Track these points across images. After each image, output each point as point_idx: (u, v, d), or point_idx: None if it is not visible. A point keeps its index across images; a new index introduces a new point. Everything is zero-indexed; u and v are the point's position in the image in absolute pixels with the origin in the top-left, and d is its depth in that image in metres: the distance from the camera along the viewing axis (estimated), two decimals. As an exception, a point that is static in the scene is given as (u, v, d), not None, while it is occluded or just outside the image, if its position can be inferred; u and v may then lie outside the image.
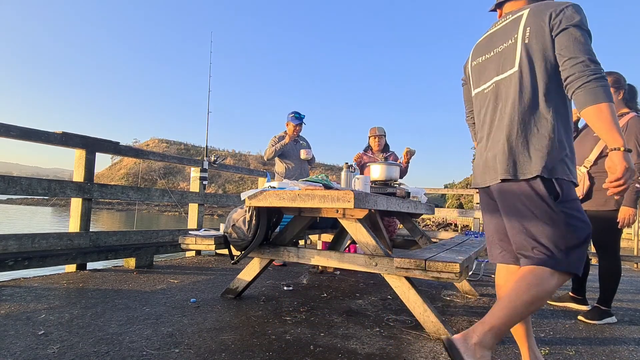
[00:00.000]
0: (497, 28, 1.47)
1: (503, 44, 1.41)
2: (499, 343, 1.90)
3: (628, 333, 2.20)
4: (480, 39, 1.57)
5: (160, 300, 2.45)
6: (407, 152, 3.82)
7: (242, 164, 68.60)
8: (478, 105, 1.53)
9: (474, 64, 1.55)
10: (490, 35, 1.50)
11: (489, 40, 1.50)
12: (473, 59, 1.57)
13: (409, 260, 1.90)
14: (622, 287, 3.67)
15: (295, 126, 4.33)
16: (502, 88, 1.39)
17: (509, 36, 1.39)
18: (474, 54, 1.57)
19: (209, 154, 4.91)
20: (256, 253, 2.45)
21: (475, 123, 1.58)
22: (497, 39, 1.45)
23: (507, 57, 1.38)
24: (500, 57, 1.41)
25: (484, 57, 1.50)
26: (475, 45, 1.59)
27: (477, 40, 1.60)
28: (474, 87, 1.56)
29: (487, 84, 1.47)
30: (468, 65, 1.62)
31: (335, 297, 2.73)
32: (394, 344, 1.82)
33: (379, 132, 4.10)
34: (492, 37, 1.48)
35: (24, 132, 2.93)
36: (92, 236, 3.39)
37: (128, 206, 50.12)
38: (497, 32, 1.47)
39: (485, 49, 1.50)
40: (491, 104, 1.43)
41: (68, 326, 1.88)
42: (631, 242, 6.11)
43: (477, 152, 1.52)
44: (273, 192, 2.12)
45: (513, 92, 1.34)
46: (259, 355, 1.63)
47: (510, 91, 1.36)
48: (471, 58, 1.59)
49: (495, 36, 1.47)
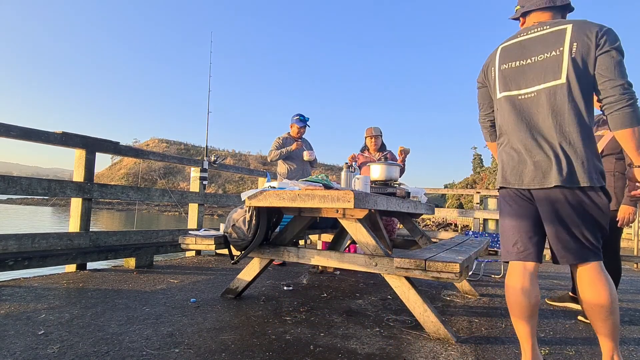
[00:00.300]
0: (531, 36, 1.52)
1: (544, 53, 1.47)
2: (499, 343, 1.91)
3: (628, 333, 2.20)
4: (506, 44, 1.61)
5: (160, 300, 2.45)
6: (402, 151, 3.81)
7: (242, 164, 68.62)
8: (509, 108, 1.56)
9: (504, 67, 1.58)
10: (522, 42, 1.55)
11: (521, 47, 1.54)
12: (502, 63, 1.59)
13: (409, 260, 1.90)
14: (622, 287, 3.67)
15: (300, 128, 4.33)
16: (546, 97, 1.45)
17: (552, 47, 1.45)
18: (502, 58, 1.59)
19: (209, 154, 4.91)
20: (256, 253, 2.45)
21: (501, 125, 1.61)
22: (534, 47, 1.50)
23: (550, 68, 1.45)
24: (542, 66, 1.47)
25: (517, 63, 1.54)
26: (500, 49, 1.62)
27: (501, 44, 1.63)
28: (502, 91, 1.58)
29: (525, 90, 1.51)
30: (493, 69, 1.63)
31: (335, 297, 2.73)
32: (394, 344, 1.82)
33: (375, 132, 4.08)
34: (526, 44, 1.53)
35: (24, 132, 2.93)
36: (92, 236, 3.39)
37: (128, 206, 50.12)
38: (531, 40, 1.52)
39: (519, 55, 1.54)
40: (532, 110, 1.49)
41: (68, 326, 1.88)
42: (631, 242, 6.11)
43: (509, 153, 1.55)
44: (273, 192, 2.12)
45: (562, 103, 1.42)
46: (259, 355, 1.63)
47: (557, 101, 1.43)
48: (499, 61, 1.60)
49: (530, 44, 1.52)
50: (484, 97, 1.74)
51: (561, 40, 1.43)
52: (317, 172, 2.80)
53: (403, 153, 3.81)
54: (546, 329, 2.18)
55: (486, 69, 1.69)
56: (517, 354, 1.77)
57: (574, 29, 1.42)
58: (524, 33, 1.56)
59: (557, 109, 1.43)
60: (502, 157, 1.60)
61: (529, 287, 1.46)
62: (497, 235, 4.08)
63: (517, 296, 1.47)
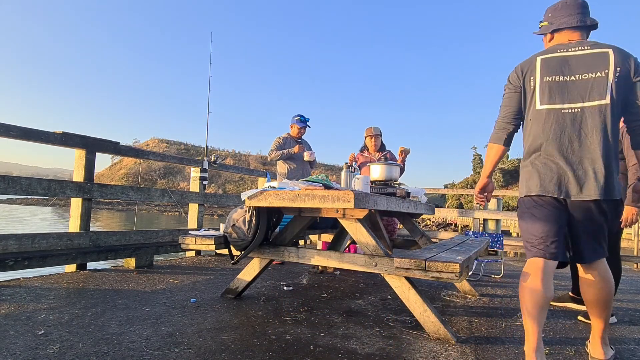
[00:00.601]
0: (575, 54, 1.62)
1: (589, 74, 1.58)
2: (499, 343, 1.91)
3: (628, 333, 2.20)
4: (547, 56, 1.66)
5: (160, 300, 2.45)
6: (402, 151, 3.82)
7: (242, 164, 68.60)
8: (551, 121, 1.62)
9: (547, 79, 1.63)
10: (565, 58, 1.62)
11: (564, 63, 1.62)
12: (545, 75, 1.64)
13: (409, 260, 1.90)
14: (622, 287, 3.67)
15: (300, 129, 4.34)
16: (591, 115, 1.56)
17: (597, 68, 1.57)
18: (544, 70, 1.64)
19: (209, 154, 4.90)
20: (256, 253, 2.45)
21: (537, 135, 1.66)
22: (579, 65, 1.60)
23: (596, 87, 1.56)
24: (587, 84, 1.57)
25: (562, 78, 1.61)
26: (540, 60, 1.66)
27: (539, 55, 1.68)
28: (545, 103, 1.64)
29: (569, 105, 1.60)
30: (533, 78, 1.67)
31: (335, 297, 2.73)
32: (394, 344, 1.82)
33: (375, 132, 4.07)
34: (570, 61, 1.61)
35: (24, 132, 2.93)
36: (92, 236, 3.39)
37: (128, 206, 50.12)
38: (576, 58, 1.61)
39: (564, 71, 1.61)
40: (576, 125, 1.58)
41: (68, 326, 1.88)
42: (631, 242, 6.11)
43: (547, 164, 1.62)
44: (273, 192, 2.12)
45: (605, 122, 1.55)
46: (259, 355, 1.63)
47: (600, 120, 1.55)
48: (540, 72, 1.65)
49: (575, 61, 1.61)
50: (515, 102, 1.73)
51: (606, 63, 1.56)
52: (317, 172, 2.80)
53: (403, 153, 3.81)
54: (546, 329, 2.18)
55: (524, 76, 1.70)
56: (517, 354, 1.77)
57: (616, 54, 1.56)
58: (563, 49, 1.64)
59: (600, 127, 1.55)
60: (537, 167, 1.65)
61: (548, 282, 1.58)
62: (497, 235, 4.09)
63: (538, 289, 1.56)
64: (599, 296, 1.63)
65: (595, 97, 1.56)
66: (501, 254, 4.40)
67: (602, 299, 1.63)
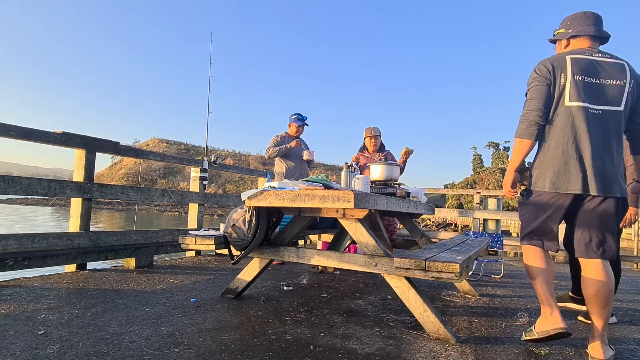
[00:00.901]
0: (600, 60, 1.75)
1: (611, 80, 1.72)
2: (499, 343, 1.91)
3: (628, 333, 2.20)
4: (577, 57, 1.75)
5: (160, 300, 2.45)
6: (406, 152, 3.84)
7: (242, 164, 68.61)
8: (580, 118, 1.71)
9: (578, 78, 1.72)
10: (593, 62, 1.74)
11: (593, 66, 1.73)
12: (576, 74, 1.72)
13: (409, 260, 1.90)
14: (622, 287, 3.67)
15: (298, 127, 4.34)
16: (609, 118, 1.71)
17: (617, 77, 1.72)
18: (575, 69, 1.72)
19: (209, 154, 4.90)
20: (256, 253, 2.45)
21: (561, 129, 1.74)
22: (604, 72, 1.73)
23: (617, 94, 1.71)
24: (609, 90, 1.71)
25: (592, 80, 1.72)
26: (570, 59, 1.75)
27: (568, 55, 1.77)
28: (575, 100, 1.72)
29: (595, 107, 1.71)
30: (564, 74, 1.73)
31: (335, 297, 2.73)
32: (394, 344, 1.82)
33: (375, 133, 4.08)
34: (597, 66, 1.74)
35: (24, 132, 2.93)
36: (92, 236, 3.39)
37: (128, 206, 50.12)
38: (601, 64, 1.74)
39: (592, 73, 1.73)
40: (600, 126, 1.71)
41: (68, 326, 1.88)
42: (631, 242, 6.11)
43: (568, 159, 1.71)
44: (273, 192, 2.12)
45: (619, 127, 1.73)
46: (259, 355, 1.63)
47: (616, 124, 1.72)
48: (572, 70, 1.72)
49: (600, 67, 1.74)
50: (546, 94, 1.76)
51: (625, 74, 1.72)
52: (317, 172, 2.80)
53: (407, 154, 3.85)
54: (546, 329, 2.18)
55: (555, 70, 1.75)
56: (517, 353, 1.77)
57: (630, 68, 1.74)
58: (587, 53, 1.76)
59: (615, 130, 1.72)
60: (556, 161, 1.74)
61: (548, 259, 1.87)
62: (497, 235, 4.09)
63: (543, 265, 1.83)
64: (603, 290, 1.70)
65: (615, 103, 1.70)
66: (501, 254, 4.40)
67: (607, 293, 1.69)
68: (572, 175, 1.70)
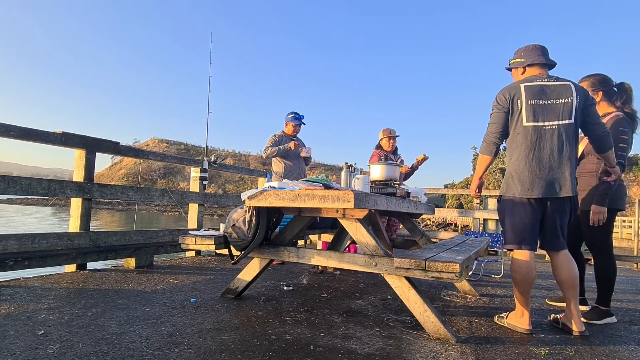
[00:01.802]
0: (549, 84, 2.06)
1: (560, 99, 2.03)
2: (499, 343, 1.91)
3: (628, 333, 2.20)
4: (528, 84, 2.07)
5: (160, 300, 2.45)
6: (423, 159, 4.12)
7: (242, 164, 68.58)
8: (535, 135, 2.04)
9: (532, 102, 2.05)
10: (542, 86, 2.06)
11: (542, 90, 2.05)
12: (529, 99, 2.05)
13: (409, 260, 1.90)
14: (622, 287, 3.67)
15: (295, 126, 4.33)
16: (563, 131, 2.02)
17: (565, 96, 2.03)
18: (528, 95, 2.05)
19: (209, 154, 4.90)
20: (256, 253, 2.45)
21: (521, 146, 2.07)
22: (552, 93, 2.05)
23: (566, 110, 2.03)
24: (559, 108, 2.03)
25: (542, 102, 2.04)
26: (523, 87, 2.07)
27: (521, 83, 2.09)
28: (530, 121, 2.05)
29: (548, 123, 2.03)
30: (519, 101, 2.06)
31: (335, 297, 2.73)
32: (394, 344, 1.82)
33: (392, 134, 4.22)
34: (546, 90, 2.05)
35: (24, 132, 2.93)
36: (92, 236, 3.39)
37: (128, 206, 50.11)
38: (549, 87, 2.06)
39: (542, 96, 2.05)
40: (554, 139, 2.02)
41: (68, 326, 1.88)
42: (631, 242, 6.12)
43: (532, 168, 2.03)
44: (273, 192, 2.12)
45: (571, 137, 2.04)
46: (259, 355, 1.63)
47: (568, 135, 2.03)
48: (525, 97, 2.05)
49: (548, 90, 2.05)
50: (503, 120, 2.12)
51: (570, 92, 2.03)
52: (317, 172, 2.80)
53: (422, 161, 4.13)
54: (546, 329, 2.18)
55: (511, 98, 2.08)
56: (517, 354, 1.77)
57: (575, 86, 2.05)
58: (538, 80, 2.08)
59: (568, 140, 2.03)
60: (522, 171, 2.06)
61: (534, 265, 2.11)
62: (497, 235, 4.08)
63: (531, 271, 2.07)
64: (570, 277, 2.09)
65: (565, 118, 2.03)
66: (501, 254, 4.40)
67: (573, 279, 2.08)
68: (534, 182, 2.02)
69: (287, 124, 4.36)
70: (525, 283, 2.07)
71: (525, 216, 2.08)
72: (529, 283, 2.07)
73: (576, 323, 2.08)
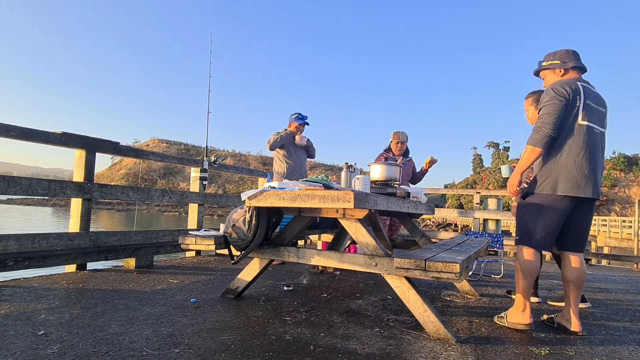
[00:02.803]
0: (594, 90, 2.12)
1: (601, 107, 2.13)
2: (499, 343, 1.91)
3: (628, 333, 2.20)
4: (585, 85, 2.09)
5: (160, 300, 2.45)
6: (431, 162, 4.17)
7: (242, 164, 68.61)
8: (589, 135, 2.05)
9: (589, 102, 2.06)
10: (595, 93, 2.12)
11: (593, 94, 2.10)
12: (586, 99, 2.05)
13: (409, 260, 1.90)
14: (622, 287, 3.67)
15: (299, 126, 4.33)
16: (601, 137, 2.11)
17: (603, 105, 2.14)
18: (586, 95, 2.06)
19: (209, 154, 4.90)
20: (256, 253, 2.45)
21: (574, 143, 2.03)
22: (597, 99, 2.11)
23: (604, 119, 2.15)
24: (601, 115, 2.13)
25: (593, 105, 2.08)
26: (582, 86, 2.06)
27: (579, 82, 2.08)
28: (584, 120, 2.04)
29: (597, 127, 2.10)
30: (579, 97, 2.04)
31: (335, 297, 2.73)
32: (394, 344, 1.82)
33: (402, 139, 4.26)
34: (596, 96, 2.11)
35: (24, 132, 2.93)
36: (92, 236, 3.39)
37: (128, 206, 50.14)
38: (595, 93, 2.11)
39: (595, 100, 2.10)
40: (599, 143, 2.09)
41: (68, 326, 1.88)
42: (631, 242, 6.11)
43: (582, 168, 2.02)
44: (273, 192, 2.12)
45: (604, 144, 2.15)
46: (259, 355, 1.63)
47: (604, 143, 2.15)
48: (584, 96, 2.05)
49: (597, 97, 2.12)
50: (562, 112, 2.02)
51: (605, 103, 2.16)
52: (317, 172, 2.80)
53: (430, 163, 4.20)
54: (546, 329, 2.18)
55: (573, 92, 2.03)
56: (517, 354, 1.77)
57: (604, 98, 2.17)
58: (587, 83, 2.12)
59: (603, 147, 2.15)
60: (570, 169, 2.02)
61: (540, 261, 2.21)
62: (497, 235, 4.08)
63: (538, 263, 2.15)
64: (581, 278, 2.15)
65: (604, 126, 2.14)
66: (501, 254, 4.40)
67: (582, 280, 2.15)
68: (582, 181, 2.01)
69: (291, 124, 4.37)
70: (531, 276, 2.13)
71: (556, 216, 2.06)
72: (535, 275, 2.16)
73: (575, 323, 2.10)
